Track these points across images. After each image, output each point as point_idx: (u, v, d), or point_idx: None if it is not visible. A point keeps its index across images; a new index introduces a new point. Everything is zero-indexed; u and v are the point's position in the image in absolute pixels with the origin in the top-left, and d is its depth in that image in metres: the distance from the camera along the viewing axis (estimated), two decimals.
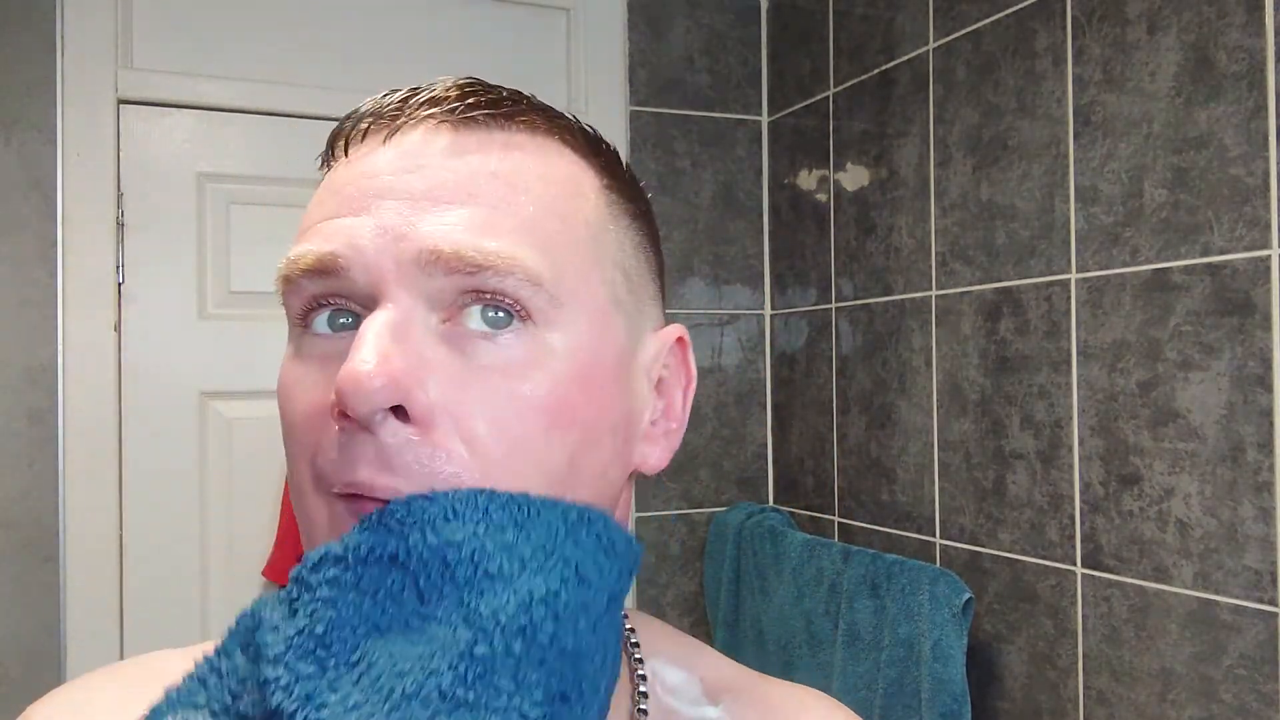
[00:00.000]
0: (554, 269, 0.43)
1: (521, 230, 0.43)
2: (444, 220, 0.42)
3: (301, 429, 0.44)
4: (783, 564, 1.88)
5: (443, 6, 2.03)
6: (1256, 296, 1.22)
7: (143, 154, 1.82)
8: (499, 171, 0.44)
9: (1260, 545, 1.21)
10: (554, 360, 0.43)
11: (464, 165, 0.44)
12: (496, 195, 0.44)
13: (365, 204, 0.44)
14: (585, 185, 0.47)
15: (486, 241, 0.42)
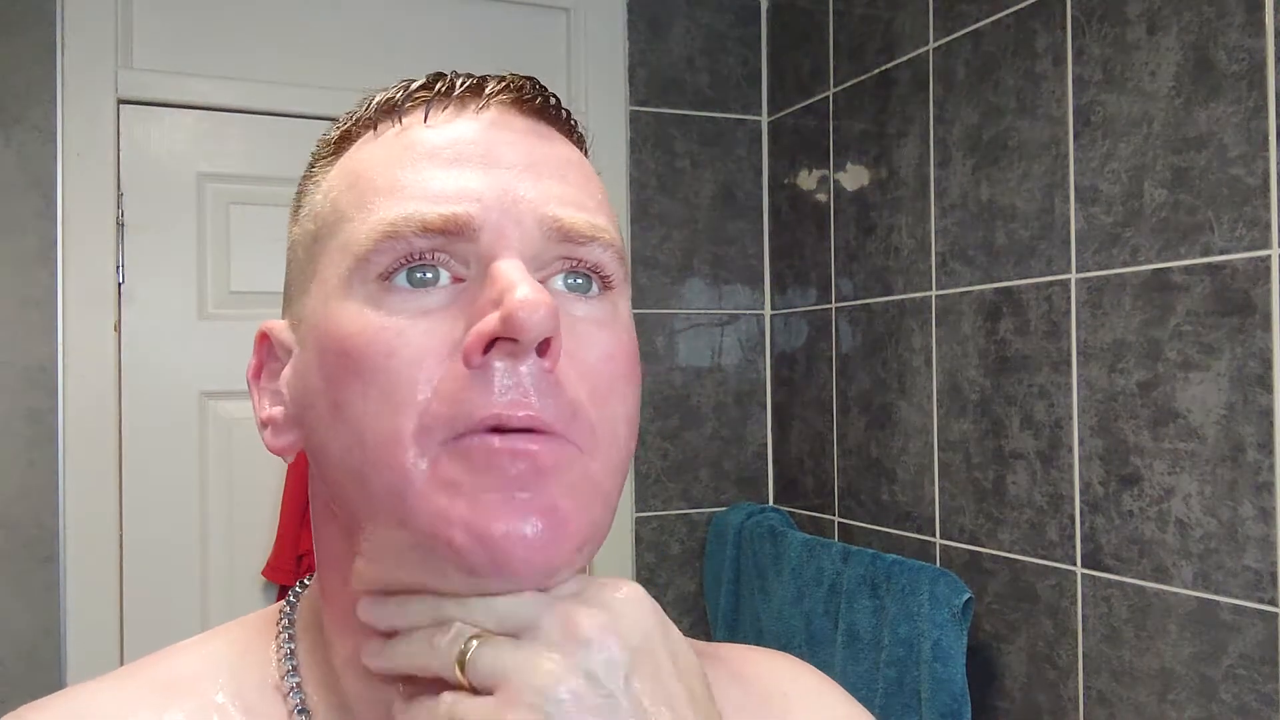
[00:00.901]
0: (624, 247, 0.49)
1: (602, 211, 0.48)
2: (552, 192, 0.46)
3: (408, 377, 0.43)
4: (783, 564, 1.88)
5: (443, 6, 2.03)
6: (1256, 296, 1.22)
7: (143, 154, 1.82)
8: (572, 159, 0.49)
9: (1260, 545, 1.21)
10: (622, 323, 0.48)
11: (549, 148, 0.48)
12: (580, 178, 0.48)
13: (471, 167, 0.45)
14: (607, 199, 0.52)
15: (599, 217, 0.47)
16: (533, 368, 0.43)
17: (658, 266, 2.15)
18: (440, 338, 0.43)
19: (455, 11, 2.04)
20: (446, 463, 0.42)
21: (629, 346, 0.48)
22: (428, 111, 0.47)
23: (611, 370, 0.47)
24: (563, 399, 0.43)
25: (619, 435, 0.47)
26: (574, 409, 0.44)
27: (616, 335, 0.48)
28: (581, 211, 0.46)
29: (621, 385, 0.47)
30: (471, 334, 0.42)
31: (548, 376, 0.43)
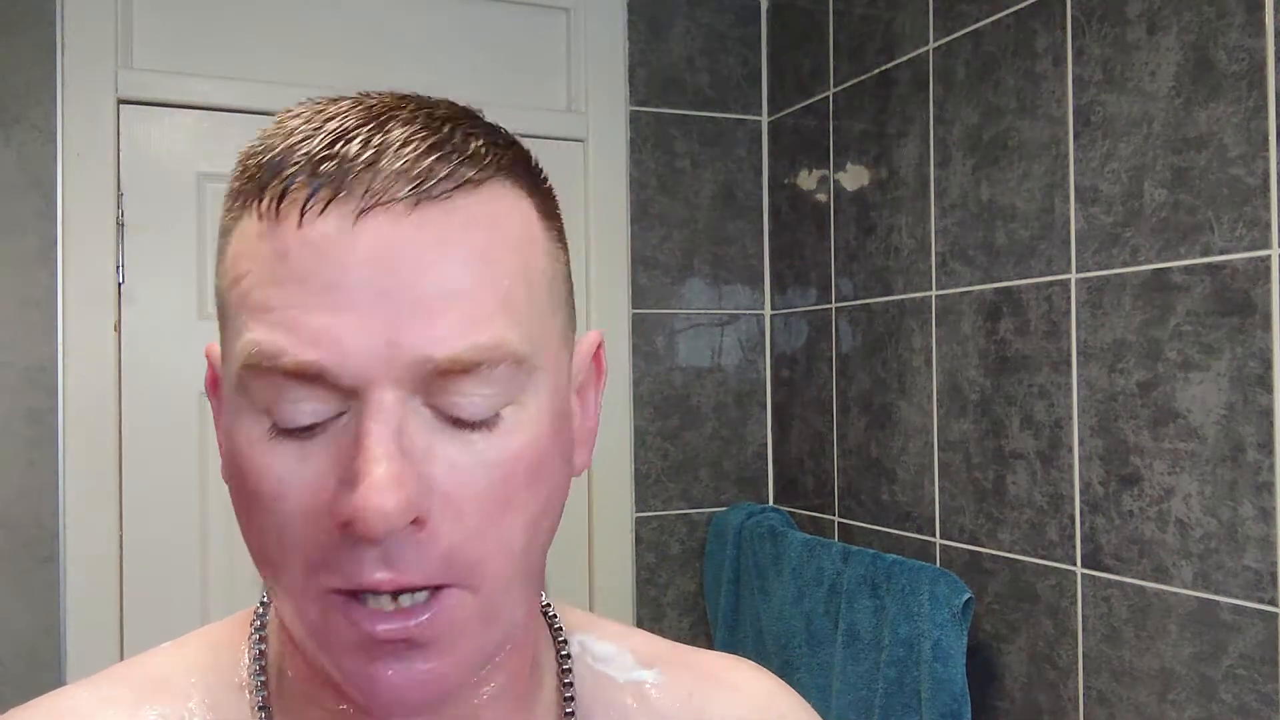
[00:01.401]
0: (529, 341, 0.45)
1: (501, 311, 0.43)
2: (432, 320, 0.41)
3: (296, 530, 0.43)
4: (783, 564, 1.88)
5: (443, 6, 2.03)
6: (1256, 296, 1.22)
7: (143, 154, 1.82)
8: (471, 253, 0.43)
9: (1260, 545, 1.21)
10: (532, 426, 0.45)
11: (440, 254, 0.42)
12: (475, 279, 0.43)
13: (339, 300, 0.41)
14: (536, 231, 0.47)
15: (478, 336, 0.42)
16: (400, 535, 0.42)
17: (658, 266, 2.15)
18: (318, 488, 0.42)
19: (455, 11, 2.04)
20: (331, 609, 0.43)
21: (531, 455, 0.45)
22: (301, 215, 0.42)
23: (503, 495, 0.44)
24: (434, 554, 0.42)
25: (514, 549, 0.45)
26: (449, 558, 0.43)
27: (527, 439, 0.44)
28: (471, 332, 0.42)
29: (517, 502, 0.44)
30: (333, 511, 0.42)
31: (417, 537, 0.42)
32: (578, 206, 2.12)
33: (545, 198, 0.49)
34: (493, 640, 0.46)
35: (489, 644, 0.46)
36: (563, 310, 0.49)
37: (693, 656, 0.63)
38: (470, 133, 0.45)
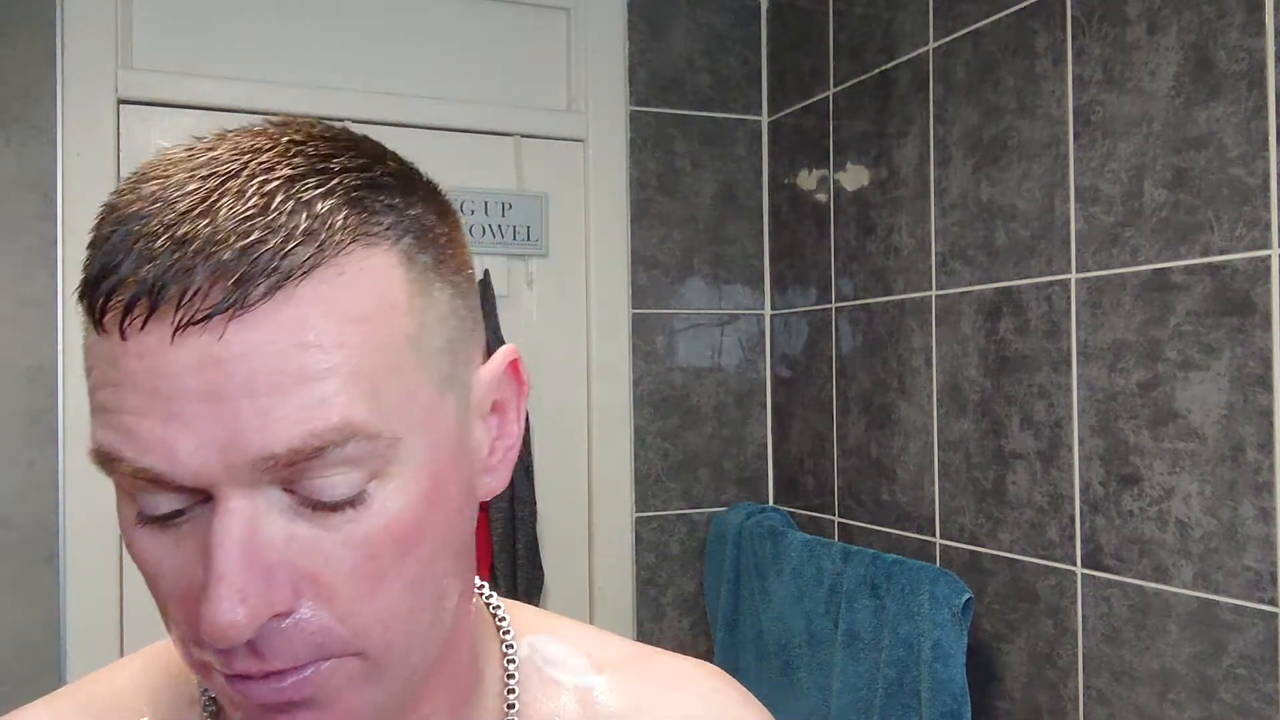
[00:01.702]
0: (385, 411, 0.42)
1: (346, 388, 0.41)
2: (266, 416, 0.39)
3: (174, 610, 0.43)
4: (783, 564, 1.88)
5: (443, 6, 2.03)
6: (1256, 296, 1.22)
7: (143, 154, 1.81)
8: (308, 340, 0.40)
9: (1260, 545, 1.21)
10: (400, 495, 0.43)
11: (269, 350, 0.40)
12: (312, 366, 0.40)
13: (169, 409, 0.40)
14: (395, 289, 0.43)
15: (315, 424, 0.40)
16: (264, 630, 0.41)
17: (658, 266, 2.15)
18: (188, 575, 0.42)
19: (455, 11, 2.04)
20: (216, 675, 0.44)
21: (402, 525, 0.43)
22: (122, 329, 0.40)
23: (373, 570, 0.43)
24: (302, 639, 0.42)
25: (396, 615, 0.44)
26: (320, 640, 0.42)
27: (392, 510, 0.43)
28: (311, 419, 0.40)
29: (392, 572, 0.43)
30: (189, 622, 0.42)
31: (282, 627, 0.41)
32: (578, 206, 2.12)
33: (420, 236, 0.45)
34: (388, 692, 0.45)
35: (382, 695, 0.45)
36: (441, 357, 0.46)
37: (652, 663, 0.61)
38: (311, 199, 0.41)
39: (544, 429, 2.07)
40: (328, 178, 0.42)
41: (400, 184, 0.46)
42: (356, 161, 0.44)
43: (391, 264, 0.43)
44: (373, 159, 0.45)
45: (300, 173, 0.42)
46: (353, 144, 0.46)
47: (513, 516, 1.95)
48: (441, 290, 0.46)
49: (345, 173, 0.43)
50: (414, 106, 1.99)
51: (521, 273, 2.08)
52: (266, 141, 0.44)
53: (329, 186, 0.42)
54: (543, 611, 0.63)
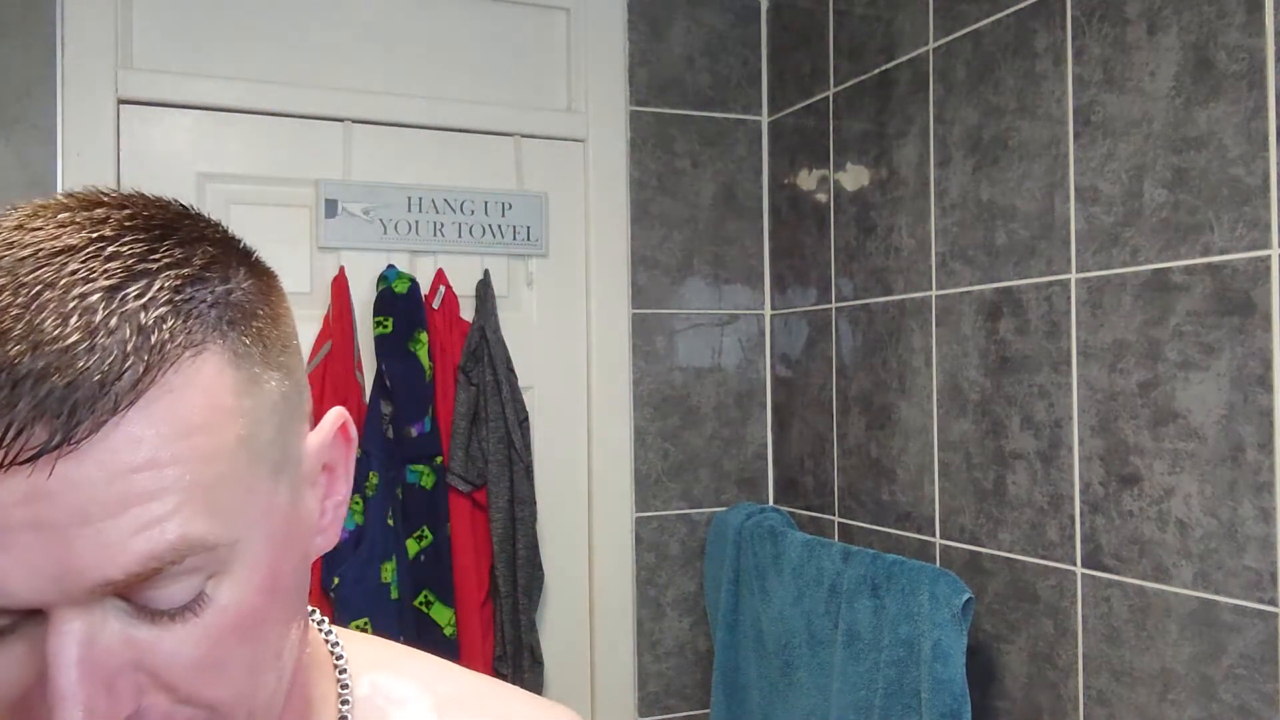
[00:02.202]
0: (222, 518, 0.42)
1: (181, 505, 0.40)
2: (102, 543, 0.39)
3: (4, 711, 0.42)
4: (783, 564, 1.88)
5: (443, 6, 2.03)
6: (1256, 296, 1.22)
7: (143, 154, 1.82)
8: (139, 462, 0.39)
9: (1260, 545, 1.21)
10: (240, 588, 0.43)
11: (102, 474, 0.38)
12: (145, 487, 0.39)
13: (11, 540, 0.38)
14: (225, 391, 0.42)
15: (154, 544, 0.39)
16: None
17: (658, 266, 2.15)
18: (17, 687, 0.41)
19: (455, 11, 2.04)
20: None
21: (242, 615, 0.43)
22: None
23: (216, 660, 0.43)
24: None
25: (239, 691, 0.44)
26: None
27: (232, 606, 0.43)
28: (148, 541, 0.39)
29: (234, 658, 0.43)
30: None
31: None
32: (578, 206, 2.12)
33: (245, 328, 0.44)
34: None
35: None
36: (272, 446, 0.45)
37: (503, 707, 0.60)
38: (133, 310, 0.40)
39: (544, 429, 2.07)
40: (149, 282, 0.41)
41: (220, 265, 0.44)
42: (175, 254, 0.42)
43: (220, 367, 0.42)
44: (190, 242, 0.43)
45: (119, 280, 0.40)
46: (168, 227, 0.44)
47: (513, 516, 1.95)
48: (268, 379, 0.45)
49: (165, 271, 0.41)
50: (414, 106, 1.99)
51: (521, 273, 2.08)
52: (78, 238, 0.41)
53: (151, 294, 0.40)
54: (387, 644, 0.62)
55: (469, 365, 1.93)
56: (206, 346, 0.42)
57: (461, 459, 1.91)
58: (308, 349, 1.87)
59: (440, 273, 1.96)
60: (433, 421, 1.90)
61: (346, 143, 1.94)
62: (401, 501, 1.86)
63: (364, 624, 1.78)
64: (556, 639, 2.07)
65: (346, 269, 1.90)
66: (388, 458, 1.84)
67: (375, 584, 1.79)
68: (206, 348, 0.42)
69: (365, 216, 1.93)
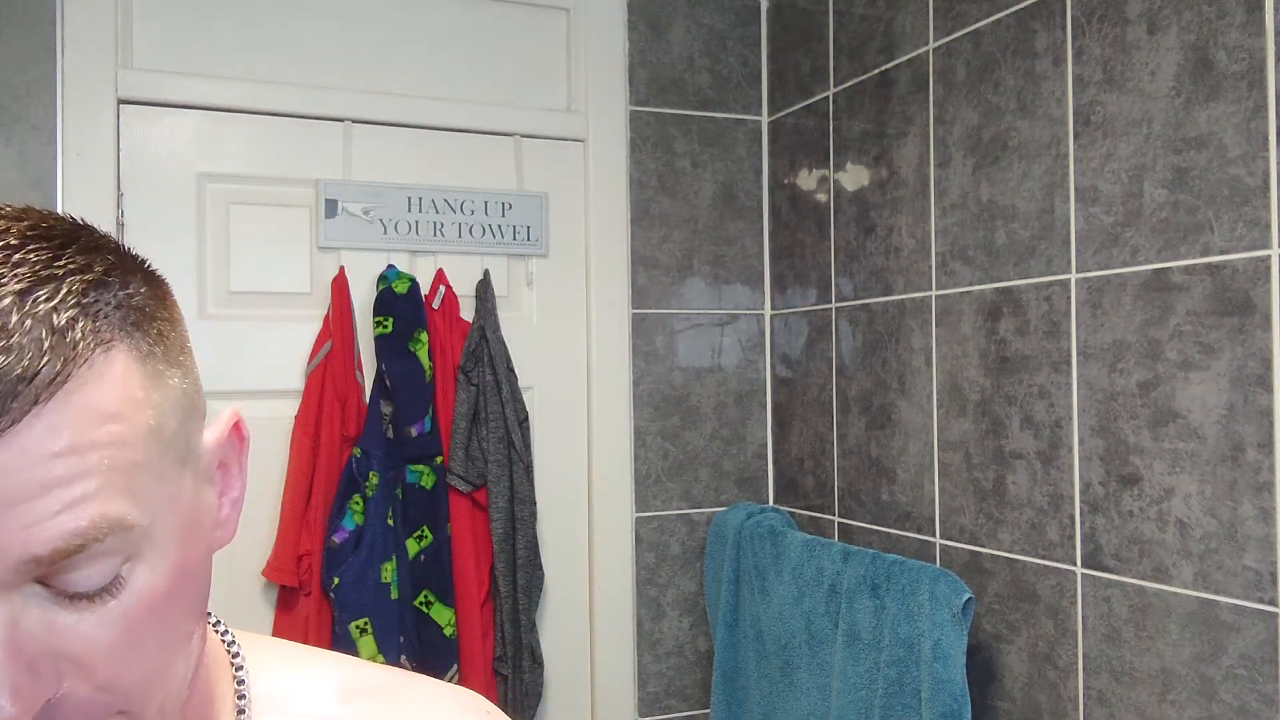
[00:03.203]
0: (137, 501, 0.44)
1: (101, 486, 0.43)
2: (27, 522, 0.41)
3: None
4: (783, 564, 1.88)
5: (443, 6, 2.03)
6: (1256, 296, 1.22)
7: (143, 154, 1.82)
8: (60, 448, 0.42)
9: (1260, 545, 1.21)
10: (152, 572, 0.45)
11: (25, 459, 0.41)
12: (68, 470, 0.42)
13: None
14: (134, 384, 0.45)
15: (79, 520, 0.42)
16: None
17: (658, 266, 2.15)
18: None
19: (455, 11, 2.04)
20: None
21: (156, 597, 0.45)
22: None
23: (132, 641, 0.45)
24: (68, 714, 0.43)
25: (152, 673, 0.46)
26: (87, 710, 0.44)
27: (149, 589, 0.45)
28: (73, 518, 0.41)
29: (150, 639, 0.45)
30: None
31: (48, 705, 0.43)
32: (578, 206, 2.12)
33: (146, 330, 0.47)
34: None
35: None
36: (177, 439, 0.48)
37: (402, 691, 0.62)
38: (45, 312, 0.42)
39: (544, 429, 2.07)
40: (56, 286, 0.43)
41: (120, 272, 0.46)
42: (78, 261, 0.45)
43: (128, 363, 0.45)
44: (90, 251, 0.46)
45: (27, 285, 0.42)
46: (67, 236, 0.46)
47: (513, 516, 1.95)
48: (171, 376, 0.48)
49: (70, 276, 0.44)
50: (414, 106, 1.99)
51: (521, 273, 2.08)
52: None
53: (60, 297, 0.43)
54: (289, 644, 0.64)
55: (469, 365, 1.93)
56: (115, 344, 0.44)
57: (461, 459, 1.91)
58: (308, 349, 1.87)
59: (440, 273, 1.96)
60: (433, 421, 1.90)
61: (346, 143, 1.94)
62: (401, 501, 1.86)
63: (364, 624, 1.78)
64: (556, 639, 2.07)
65: (346, 269, 1.90)
66: (388, 458, 1.84)
67: (375, 584, 1.79)
68: (115, 345, 0.44)
69: (365, 216, 1.93)
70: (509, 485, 1.95)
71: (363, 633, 1.78)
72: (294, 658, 0.62)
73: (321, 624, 1.81)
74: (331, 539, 1.80)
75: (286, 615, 1.82)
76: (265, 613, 1.85)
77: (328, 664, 0.62)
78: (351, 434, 1.86)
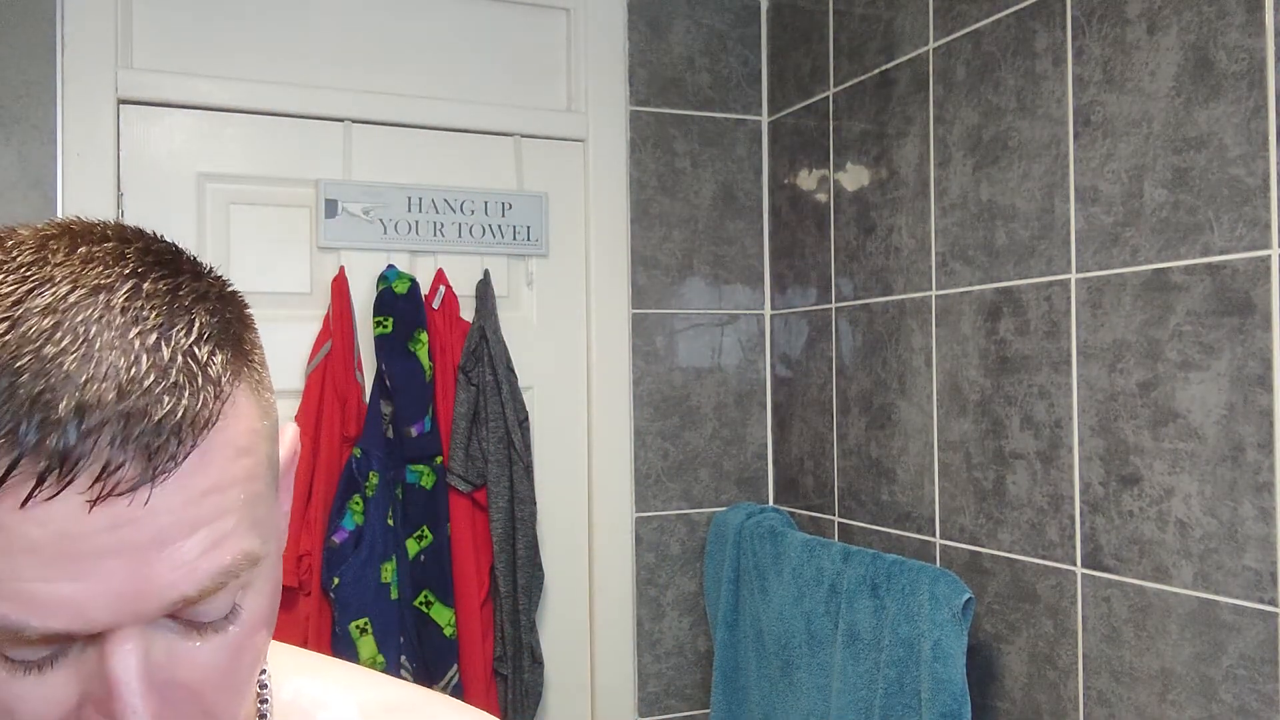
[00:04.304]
0: (263, 531, 0.45)
1: (239, 522, 0.43)
2: (179, 562, 0.41)
3: None
4: (783, 564, 1.88)
5: (443, 6, 2.03)
6: (1256, 296, 1.22)
7: (143, 154, 1.82)
8: (209, 485, 0.42)
9: (1260, 545, 1.21)
10: (260, 597, 0.47)
11: (180, 498, 0.41)
12: (215, 508, 0.42)
13: (82, 567, 0.39)
14: (255, 415, 0.45)
15: (221, 560, 0.42)
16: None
17: (658, 266, 2.15)
18: (55, 705, 0.42)
19: (455, 11, 2.04)
20: None
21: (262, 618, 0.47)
22: (23, 499, 0.39)
23: (239, 666, 0.46)
24: None
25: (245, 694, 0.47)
26: None
27: (244, 634, 0.46)
28: (216, 557, 0.42)
29: (250, 661, 0.47)
30: None
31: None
32: (578, 206, 2.12)
33: (250, 358, 0.46)
34: None
35: None
36: (275, 461, 0.48)
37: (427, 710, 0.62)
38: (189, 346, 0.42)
39: (544, 429, 2.07)
40: (190, 319, 0.43)
41: (219, 299, 0.46)
42: (195, 288, 0.44)
43: (249, 393, 0.45)
44: (194, 274, 0.45)
45: (165, 318, 0.42)
46: (168, 259, 0.45)
47: (513, 516, 1.95)
48: (269, 402, 0.48)
49: (196, 306, 0.44)
50: (414, 106, 1.99)
51: (521, 273, 2.08)
52: (108, 274, 0.42)
53: (197, 329, 0.43)
54: (309, 653, 0.64)
55: (469, 365, 1.93)
56: (242, 376, 0.45)
57: (461, 459, 1.91)
58: (308, 349, 1.87)
59: (440, 273, 1.96)
60: (433, 421, 1.90)
61: (346, 143, 1.94)
62: (401, 501, 1.86)
63: (364, 624, 1.78)
64: (556, 639, 2.07)
65: (346, 269, 1.90)
66: (388, 458, 1.84)
67: (375, 584, 1.79)
68: (241, 376, 0.45)
69: (365, 216, 1.93)
70: (509, 485, 1.95)
71: (363, 633, 1.78)
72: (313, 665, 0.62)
73: (321, 624, 1.81)
74: (331, 539, 1.80)
75: (287, 615, 1.82)
76: None
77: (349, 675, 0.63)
78: (351, 434, 1.86)
